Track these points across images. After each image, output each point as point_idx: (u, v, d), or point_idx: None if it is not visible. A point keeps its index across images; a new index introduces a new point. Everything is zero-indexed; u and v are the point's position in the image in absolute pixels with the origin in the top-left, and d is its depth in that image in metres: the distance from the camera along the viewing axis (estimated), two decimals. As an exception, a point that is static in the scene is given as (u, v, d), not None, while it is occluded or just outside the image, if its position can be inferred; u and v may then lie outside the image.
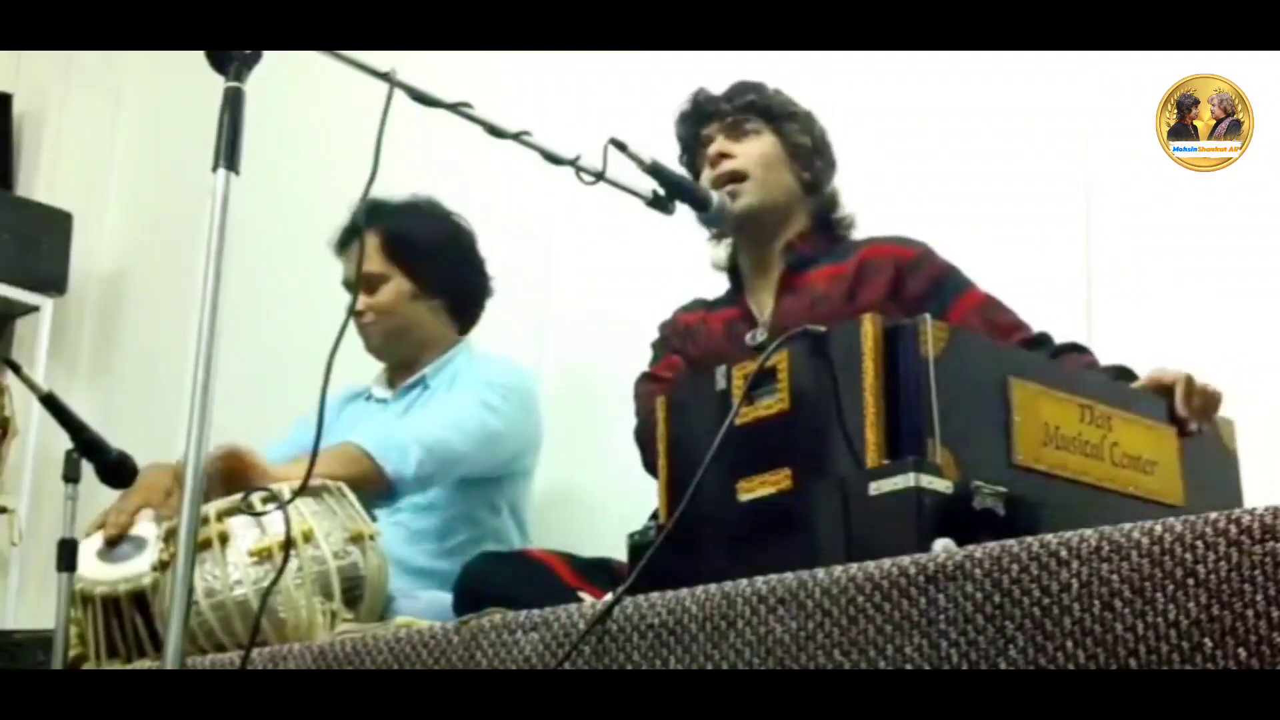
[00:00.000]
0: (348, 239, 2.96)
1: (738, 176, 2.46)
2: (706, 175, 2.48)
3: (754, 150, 2.48)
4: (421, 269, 2.96)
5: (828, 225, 2.54)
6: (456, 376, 2.96)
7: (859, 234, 2.56)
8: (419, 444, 2.66)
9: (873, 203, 2.58)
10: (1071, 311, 2.54)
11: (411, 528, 2.82)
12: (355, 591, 2.30)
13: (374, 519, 2.48)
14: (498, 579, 2.26)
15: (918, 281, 2.37)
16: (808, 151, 2.52)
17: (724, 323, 2.52)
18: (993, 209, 2.75)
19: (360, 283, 2.83)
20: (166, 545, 2.28)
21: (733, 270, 2.59)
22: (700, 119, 2.54)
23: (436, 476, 2.73)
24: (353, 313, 2.72)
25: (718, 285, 2.64)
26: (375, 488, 2.61)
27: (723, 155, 2.47)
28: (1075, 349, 2.27)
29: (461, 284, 3.04)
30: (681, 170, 2.45)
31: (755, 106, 2.51)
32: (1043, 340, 2.30)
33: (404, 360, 3.02)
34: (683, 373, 2.47)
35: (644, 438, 2.37)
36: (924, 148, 2.84)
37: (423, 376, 2.99)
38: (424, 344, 3.01)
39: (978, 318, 2.30)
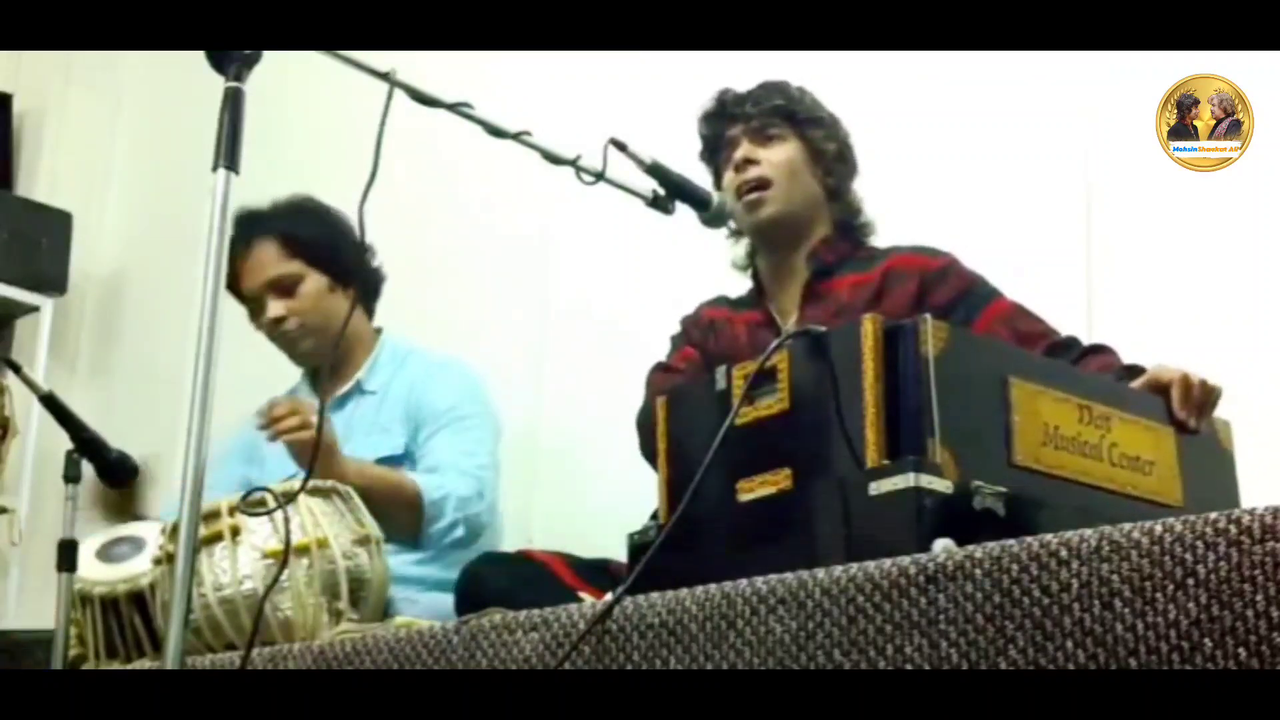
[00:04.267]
0: (243, 249, 2.84)
1: (762, 184, 2.46)
2: (729, 178, 2.47)
3: (778, 157, 2.47)
4: (330, 261, 2.87)
5: (850, 231, 2.53)
6: (405, 387, 2.87)
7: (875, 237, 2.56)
8: (465, 525, 2.68)
9: (872, 203, 2.58)
10: (1071, 311, 2.54)
11: None
12: (360, 593, 2.32)
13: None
14: (498, 579, 2.27)
15: (943, 292, 2.36)
16: (831, 157, 2.51)
17: (747, 326, 2.51)
18: (993, 209, 2.75)
19: (271, 289, 2.82)
20: (170, 540, 2.28)
21: (752, 271, 2.59)
22: (725, 119, 2.53)
23: (456, 551, 2.70)
24: (276, 330, 2.84)
25: (720, 286, 2.64)
26: (404, 535, 2.63)
27: (748, 161, 2.47)
28: (1099, 350, 2.27)
29: (367, 270, 2.93)
30: (684, 170, 2.44)
31: (781, 111, 2.49)
32: (1070, 345, 2.29)
33: (335, 362, 2.89)
34: (697, 365, 2.46)
35: (644, 424, 2.37)
36: (924, 148, 2.84)
37: (357, 382, 2.92)
38: (353, 339, 2.92)
39: (1004, 327, 2.29)
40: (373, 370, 2.93)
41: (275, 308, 2.84)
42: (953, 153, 2.81)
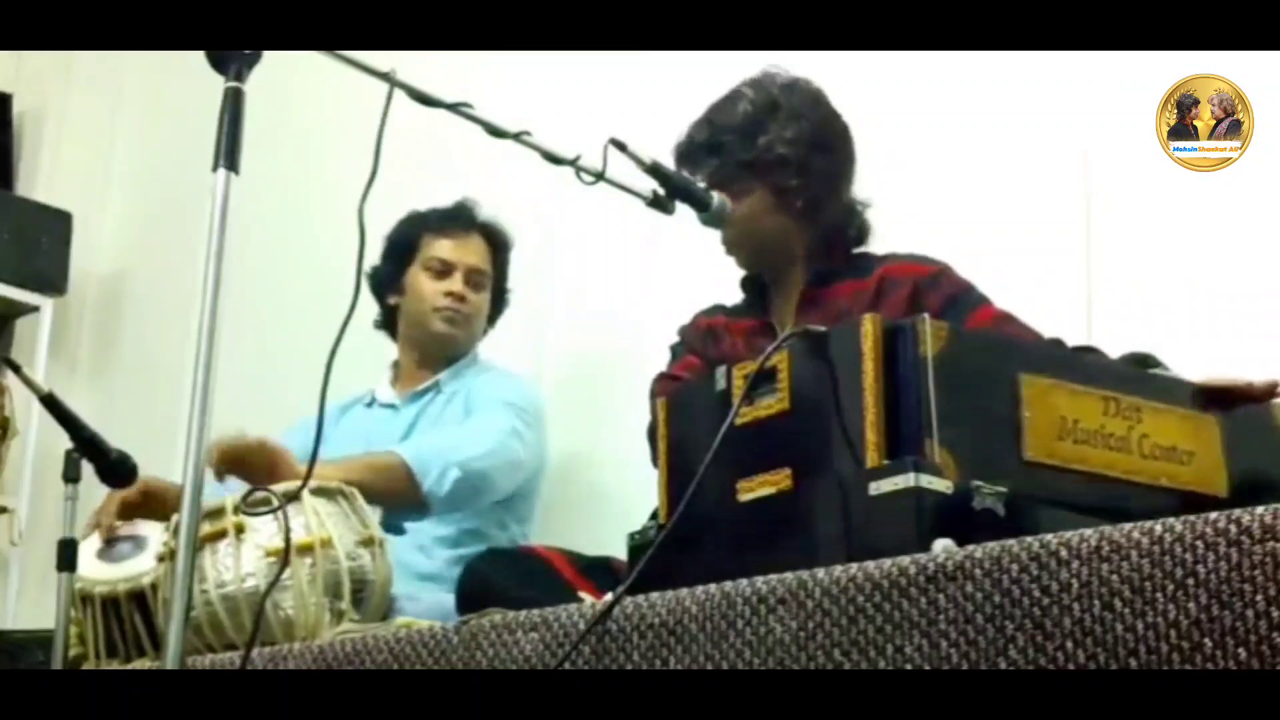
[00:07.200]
0: (451, 225, 3.09)
1: (731, 244, 2.49)
2: None
3: (739, 214, 2.40)
4: (503, 274, 3.16)
5: (844, 237, 2.52)
6: (470, 386, 3.02)
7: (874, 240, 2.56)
8: (458, 467, 2.74)
9: (871, 203, 2.58)
10: (1071, 311, 2.54)
11: (422, 535, 2.85)
12: (362, 594, 2.32)
13: (401, 530, 2.54)
14: (499, 577, 2.27)
15: (934, 298, 2.36)
16: (800, 188, 2.47)
17: (745, 334, 2.51)
18: (993, 210, 2.75)
19: (469, 275, 3.05)
20: (174, 536, 2.28)
21: (749, 278, 2.58)
22: (691, 166, 2.49)
23: (467, 501, 2.81)
24: (451, 302, 3.04)
25: (720, 286, 2.64)
26: (409, 503, 2.70)
27: None
28: (1087, 351, 2.27)
29: (507, 294, 3.20)
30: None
31: (739, 163, 2.45)
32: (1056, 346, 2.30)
33: (454, 354, 3.10)
34: (700, 374, 2.46)
35: (654, 436, 2.37)
36: (923, 148, 2.83)
37: (436, 382, 3.07)
38: (473, 339, 3.12)
39: None
40: (455, 375, 3.08)
41: (463, 290, 3.06)
42: (952, 153, 2.81)
